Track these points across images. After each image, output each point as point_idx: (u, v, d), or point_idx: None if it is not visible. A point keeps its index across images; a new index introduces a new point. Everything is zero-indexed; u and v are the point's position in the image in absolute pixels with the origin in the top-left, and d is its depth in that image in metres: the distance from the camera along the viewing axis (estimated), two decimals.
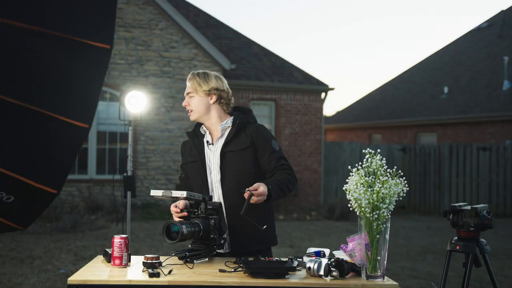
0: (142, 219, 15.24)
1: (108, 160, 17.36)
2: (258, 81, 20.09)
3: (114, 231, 12.44)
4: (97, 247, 10.89)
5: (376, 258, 3.13)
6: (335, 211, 17.33)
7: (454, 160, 19.76)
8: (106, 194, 16.80)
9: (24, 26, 5.26)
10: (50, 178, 5.78)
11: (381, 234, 3.12)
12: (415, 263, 10.50)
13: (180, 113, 17.99)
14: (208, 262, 3.52)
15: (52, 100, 5.58)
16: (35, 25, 5.29)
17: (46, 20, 5.38)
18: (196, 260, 3.51)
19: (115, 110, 17.04)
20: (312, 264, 3.21)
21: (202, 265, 3.45)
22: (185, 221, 3.49)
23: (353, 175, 3.17)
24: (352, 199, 3.12)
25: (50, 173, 5.81)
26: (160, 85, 17.92)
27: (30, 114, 5.48)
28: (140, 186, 17.41)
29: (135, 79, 17.60)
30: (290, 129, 20.43)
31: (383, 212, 3.07)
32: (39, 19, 5.32)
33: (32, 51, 5.40)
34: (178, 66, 18.13)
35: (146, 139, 17.76)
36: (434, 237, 14.08)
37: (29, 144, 5.72)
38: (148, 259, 3.26)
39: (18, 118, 5.51)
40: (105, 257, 3.52)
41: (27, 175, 5.66)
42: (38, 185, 5.70)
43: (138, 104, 8.56)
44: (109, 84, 17.13)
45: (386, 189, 3.07)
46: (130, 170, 8.61)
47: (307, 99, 20.76)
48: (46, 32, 5.31)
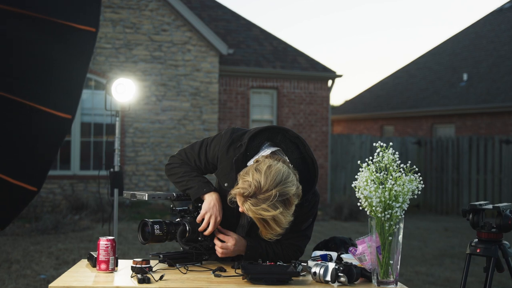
0: (131, 219, 15.24)
1: (93, 154, 17.36)
2: (258, 67, 20.08)
3: (99, 233, 12.44)
4: (81, 250, 10.89)
5: (388, 262, 3.13)
6: (343, 210, 17.33)
7: (474, 154, 19.77)
8: (91, 192, 16.80)
9: (1, 7, 5.25)
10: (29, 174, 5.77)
11: (394, 235, 3.12)
12: (431, 267, 10.51)
13: (172, 102, 17.98)
14: (203, 267, 3.52)
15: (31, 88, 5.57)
16: (13, 5, 5.27)
17: (25, 0, 5.37)
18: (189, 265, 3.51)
19: (101, 99, 17.03)
20: (317, 269, 3.21)
21: (197, 269, 3.45)
22: (162, 220, 3.49)
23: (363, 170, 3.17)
24: (362, 197, 3.12)
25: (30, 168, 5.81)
26: (150, 71, 17.90)
27: (6, 104, 5.47)
28: (128, 183, 17.41)
29: (123, 65, 17.59)
30: (294, 120, 20.43)
31: (396, 211, 3.07)
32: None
33: (9, 34, 5.39)
34: (170, 51, 18.11)
35: (135, 131, 17.76)
36: (452, 239, 14.09)
37: (5, 137, 5.71)
38: (138, 263, 3.26)
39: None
40: (90, 261, 3.51)
41: (4, 171, 5.66)
42: (16, 182, 5.69)
43: (126, 92, 8.54)
44: (94, 71, 17.12)
45: (399, 186, 3.07)
46: (117, 165, 8.60)
47: (312, 87, 20.75)
48: (26, 13, 5.30)
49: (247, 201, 3.13)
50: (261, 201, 3.10)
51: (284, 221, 3.15)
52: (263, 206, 3.09)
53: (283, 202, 3.13)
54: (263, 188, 3.10)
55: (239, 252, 3.55)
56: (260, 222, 3.16)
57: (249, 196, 3.13)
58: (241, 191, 3.15)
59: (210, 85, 18.46)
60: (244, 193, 3.13)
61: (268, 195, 3.09)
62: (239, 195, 3.16)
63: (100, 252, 3.34)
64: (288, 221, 3.17)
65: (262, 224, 3.16)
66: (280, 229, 3.17)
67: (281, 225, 3.15)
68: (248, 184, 3.13)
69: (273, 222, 3.13)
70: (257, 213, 3.11)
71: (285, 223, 3.17)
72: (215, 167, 3.60)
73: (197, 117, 18.31)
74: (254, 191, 3.11)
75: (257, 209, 3.10)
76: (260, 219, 3.14)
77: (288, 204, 3.15)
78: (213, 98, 18.49)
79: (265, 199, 3.10)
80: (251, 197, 3.12)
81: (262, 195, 3.10)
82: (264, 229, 3.19)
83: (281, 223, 3.15)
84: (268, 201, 3.09)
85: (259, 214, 3.11)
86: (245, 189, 3.13)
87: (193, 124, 18.26)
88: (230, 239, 3.52)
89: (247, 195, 3.13)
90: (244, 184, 3.15)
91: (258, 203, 3.11)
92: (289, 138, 3.49)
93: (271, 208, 3.09)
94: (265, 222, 3.14)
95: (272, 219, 3.12)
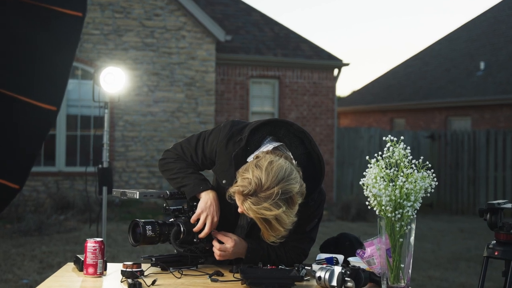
0: (121, 220, 15.26)
1: (80, 149, 17.36)
2: (259, 55, 20.07)
3: (87, 234, 12.45)
4: (67, 253, 10.90)
5: (399, 266, 3.13)
6: (350, 210, 17.35)
7: (492, 149, 19.77)
8: (78, 190, 16.81)
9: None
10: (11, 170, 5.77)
11: (405, 237, 3.12)
12: (445, 272, 10.52)
13: (165, 93, 17.98)
14: (199, 271, 3.52)
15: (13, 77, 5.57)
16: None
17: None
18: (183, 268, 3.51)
19: (88, 89, 17.03)
20: (322, 273, 3.21)
21: (192, 274, 3.45)
22: (155, 221, 3.48)
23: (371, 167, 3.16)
24: (371, 196, 3.12)
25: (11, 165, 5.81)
26: (142, 60, 17.89)
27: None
28: (118, 180, 17.42)
29: (112, 52, 17.58)
30: (297, 113, 20.43)
31: (408, 211, 3.07)
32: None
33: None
34: (163, 38, 18.09)
35: (125, 124, 17.76)
36: (468, 240, 14.10)
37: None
38: (128, 267, 3.26)
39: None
40: (77, 265, 3.52)
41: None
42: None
43: (115, 82, 8.54)
44: (81, 59, 17.10)
45: (411, 183, 3.07)
46: (106, 161, 8.61)
47: (316, 76, 20.74)
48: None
49: (247, 200, 3.11)
50: (262, 199, 3.08)
51: (288, 221, 3.14)
52: (264, 205, 3.07)
53: (285, 201, 3.11)
54: (264, 186, 3.09)
55: (238, 255, 3.53)
56: (262, 222, 3.14)
57: (249, 195, 3.11)
58: (240, 189, 3.13)
59: (206, 74, 18.45)
60: (244, 191, 3.11)
61: (269, 193, 3.08)
62: (239, 193, 3.15)
63: (88, 255, 3.34)
64: (291, 222, 3.16)
65: (263, 225, 3.15)
66: (283, 230, 3.16)
67: (284, 225, 3.14)
68: (248, 182, 3.11)
69: (275, 222, 3.12)
70: (258, 212, 3.09)
71: (289, 224, 3.15)
72: (213, 163, 3.58)
73: (192, 109, 18.30)
74: (255, 189, 3.09)
75: (258, 208, 3.09)
76: (261, 219, 3.12)
77: (291, 202, 3.14)
78: (209, 89, 18.48)
79: (266, 198, 3.08)
80: (251, 195, 3.10)
81: (263, 193, 3.08)
82: (266, 231, 3.17)
83: (284, 223, 3.14)
84: (270, 200, 3.07)
85: (260, 213, 3.09)
86: (245, 187, 3.11)
87: (188, 117, 18.25)
88: (229, 240, 3.50)
89: (247, 194, 3.11)
90: (243, 182, 3.13)
91: (259, 201, 3.09)
92: (293, 133, 3.49)
93: (273, 207, 3.07)
94: (267, 222, 3.13)
95: (275, 218, 3.10)
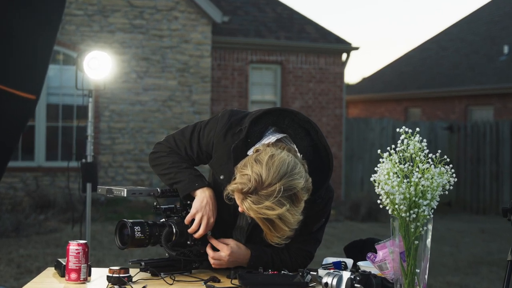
0: (107, 220, 15.27)
1: (62, 142, 17.36)
2: (259, 38, 20.05)
3: (69, 236, 12.44)
4: (47, 257, 10.90)
5: (414, 271, 3.13)
6: (360, 209, 17.36)
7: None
8: (59, 187, 16.81)
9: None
10: None
11: (421, 239, 3.12)
12: (465, 277, 10.53)
13: (155, 80, 17.97)
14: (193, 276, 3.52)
15: None
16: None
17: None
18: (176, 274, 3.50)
19: (71, 76, 16.98)
20: (329, 278, 3.21)
21: (185, 280, 3.45)
22: (144, 221, 3.47)
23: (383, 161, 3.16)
24: (383, 194, 3.12)
25: None
26: (130, 43, 17.88)
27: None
28: (103, 176, 17.42)
29: (97, 35, 17.56)
30: (301, 101, 20.42)
31: (424, 210, 3.06)
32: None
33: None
34: (154, 19, 18.08)
35: (111, 115, 17.76)
36: (490, 243, 14.11)
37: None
38: (115, 273, 3.26)
39: None
40: (58, 270, 3.52)
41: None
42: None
43: (100, 68, 8.54)
44: (63, 42, 17.09)
45: (428, 180, 3.07)
46: (90, 155, 8.61)
47: (323, 61, 20.74)
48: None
49: (247, 199, 3.10)
50: (264, 197, 3.07)
51: (293, 220, 3.12)
52: (266, 203, 3.06)
53: (289, 198, 3.10)
54: (265, 182, 3.07)
55: (237, 263, 3.51)
56: (264, 223, 3.12)
57: (249, 193, 3.09)
58: (239, 187, 3.11)
59: (201, 59, 18.44)
60: (243, 189, 3.10)
61: (271, 190, 3.06)
62: (238, 191, 3.13)
63: (70, 259, 3.34)
64: (297, 220, 3.15)
65: (266, 226, 3.13)
66: (288, 229, 3.14)
67: (289, 225, 3.12)
68: (247, 179, 3.09)
69: (279, 221, 3.10)
70: (260, 212, 3.08)
71: (294, 223, 3.14)
72: (209, 157, 3.56)
73: (185, 97, 18.29)
74: (255, 186, 3.08)
75: (259, 207, 3.07)
76: (263, 219, 3.11)
77: (296, 200, 3.12)
78: (204, 75, 18.47)
79: (268, 195, 3.06)
80: (251, 193, 3.09)
81: (265, 191, 3.07)
82: (269, 232, 3.15)
83: (289, 223, 3.12)
84: (272, 197, 3.05)
85: (262, 213, 3.08)
86: (244, 184, 3.09)
87: (181, 106, 18.25)
88: (224, 247, 3.47)
89: (246, 192, 3.09)
90: (242, 179, 3.11)
91: (260, 200, 3.07)
92: (298, 123, 3.46)
93: (276, 205, 3.06)
94: (270, 222, 3.10)
95: (278, 218, 3.08)
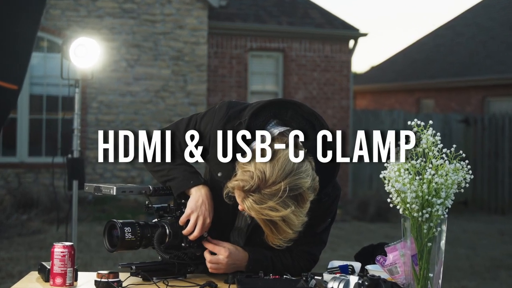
0: (94, 220, 15.28)
1: (46, 136, 17.36)
2: (259, 23, 20.03)
3: (54, 237, 12.45)
4: (30, 260, 10.91)
5: (427, 275, 3.13)
6: (368, 208, 17.38)
7: None
8: (43, 185, 16.81)
9: None
10: None
11: (434, 241, 3.12)
12: (482, 282, 10.54)
13: (147, 69, 17.96)
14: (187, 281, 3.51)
15: None
16: None
17: None
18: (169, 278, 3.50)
19: (56, 64, 16.97)
20: (336, 284, 3.21)
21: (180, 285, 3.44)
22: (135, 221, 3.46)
23: None
24: (393, 192, 3.12)
25: None
26: (120, 29, 17.87)
27: None
28: (91, 173, 17.42)
29: (84, 20, 17.55)
30: (305, 92, 20.42)
31: (437, 210, 3.06)
32: None
33: None
34: (145, 2, 18.07)
35: (99, 106, 17.75)
36: (510, 245, 14.12)
37: None
38: (103, 277, 3.26)
39: None
40: (42, 274, 3.51)
41: None
42: None
43: (88, 56, 8.53)
44: (47, 28, 17.08)
45: (442, 177, 3.07)
46: (76, 150, 8.61)
47: (328, 49, 20.73)
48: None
49: (249, 198, 3.08)
50: (267, 197, 3.05)
51: (297, 222, 3.11)
52: (269, 203, 3.04)
53: (295, 198, 3.08)
54: (269, 180, 3.05)
55: (235, 267, 3.50)
56: (266, 224, 3.11)
57: (251, 191, 3.08)
58: (240, 184, 3.10)
59: (197, 46, 18.42)
60: (245, 187, 3.08)
61: (275, 189, 3.04)
62: (239, 189, 3.12)
63: (55, 262, 3.33)
64: (301, 222, 3.14)
65: (268, 228, 3.12)
66: (292, 232, 3.13)
67: (293, 227, 3.11)
68: (249, 175, 3.08)
69: (282, 224, 3.08)
70: (262, 213, 3.07)
71: (298, 225, 3.13)
72: (206, 152, 3.55)
73: (180, 87, 18.29)
74: (258, 184, 3.06)
75: (261, 207, 3.06)
76: (265, 220, 3.10)
77: (301, 200, 3.11)
78: (200, 64, 18.46)
79: (272, 195, 3.05)
80: (253, 192, 3.08)
81: (268, 189, 3.05)
82: (271, 234, 3.14)
83: (293, 225, 3.11)
84: (276, 197, 3.04)
85: (264, 214, 3.07)
86: (246, 182, 3.08)
87: (174, 97, 18.24)
88: (222, 250, 3.47)
89: (248, 190, 3.08)
90: (244, 175, 3.10)
91: (263, 199, 3.06)
92: (302, 115, 3.43)
93: (280, 206, 3.04)
94: (272, 224, 3.09)
95: (282, 220, 3.07)
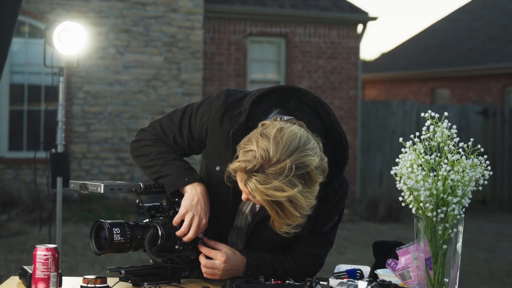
0: (80, 220, 15.28)
1: (27, 129, 17.36)
2: (260, 6, 20.04)
3: (36, 239, 12.46)
4: (10, 264, 10.92)
5: (442, 280, 3.13)
6: (378, 207, 17.39)
7: None
8: (24, 182, 16.82)
9: None
10: None
11: (450, 243, 3.12)
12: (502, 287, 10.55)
13: (138, 56, 17.95)
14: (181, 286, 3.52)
15: None
16: None
17: None
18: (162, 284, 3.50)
19: (38, 51, 16.97)
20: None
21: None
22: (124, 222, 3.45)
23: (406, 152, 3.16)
24: (405, 189, 3.12)
25: None
26: (108, 12, 17.86)
27: None
28: (77, 169, 17.42)
29: (69, 3, 17.55)
30: (309, 81, 20.42)
31: (453, 209, 3.06)
32: None
33: None
34: None
35: (85, 97, 17.75)
36: None
37: None
38: (90, 282, 3.26)
39: None
40: (23, 279, 3.52)
41: None
42: None
43: (73, 42, 8.53)
44: (28, 12, 17.07)
45: (458, 173, 3.07)
46: (61, 144, 8.61)
47: (335, 34, 20.73)
48: None
49: (252, 178, 3.05)
50: (272, 176, 3.01)
51: (305, 204, 3.07)
52: (275, 183, 3.00)
53: (302, 177, 3.04)
54: (273, 159, 3.02)
55: (233, 273, 3.49)
56: (272, 206, 3.06)
57: (254, 171, 3.04)
58: (242, 165, 3.06)
59: (192, 31, 18.41)
60: (247, 167, 3.04)
61: (280, 168, 3.01)
62: (241, 170, 3.08)
63: (37, 266, 3.34)
64: (310, 205, 3.10)
65: (274, 210, 3.07)
66: (300, 215, 3.09)
67: (301, 210, 3.07)
68: (252, 155, 3.04)
69: (289, 205, 3.04)
70: (267, 193, 3.02)
71: (306, 208, 3.09)
72: (202, 145, 3.53)
73: (173, 76, 18.28)
74: (261, 163, 3.02)
75: (266, 187, 3.02)
76: (271, 202, 3.05)
77: (309, 180, 3.07)
78: (196, 50, 18.45)
79: (277, 173, 3.01)
80: (257, 172, 3.04)
81: (273, 168, 3.01)
82: (277, 217, 3.10)
83: (300, 207, 3.06)
84: (282, 176, 3.00)
85: (269, 194, 3.02)
86: (248, 162, 3.04)
87: (167, 87, 18.23)
88: (218, 254, 3.45)
89: (251, 170, 3.04)
90: (246, 156, 3.06)
91: (267, 179, 3.02)
92: (306, 103, 3.41)
93: (287, 186, 3.00)
94: (278, 206, 3.05)
95: (288, 201, 3.02)
